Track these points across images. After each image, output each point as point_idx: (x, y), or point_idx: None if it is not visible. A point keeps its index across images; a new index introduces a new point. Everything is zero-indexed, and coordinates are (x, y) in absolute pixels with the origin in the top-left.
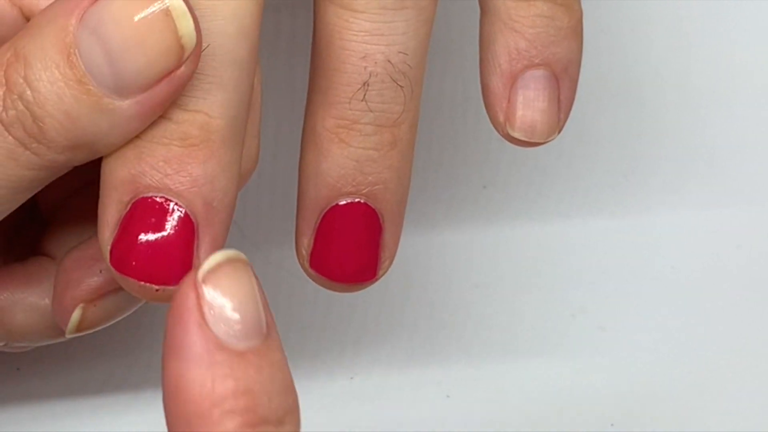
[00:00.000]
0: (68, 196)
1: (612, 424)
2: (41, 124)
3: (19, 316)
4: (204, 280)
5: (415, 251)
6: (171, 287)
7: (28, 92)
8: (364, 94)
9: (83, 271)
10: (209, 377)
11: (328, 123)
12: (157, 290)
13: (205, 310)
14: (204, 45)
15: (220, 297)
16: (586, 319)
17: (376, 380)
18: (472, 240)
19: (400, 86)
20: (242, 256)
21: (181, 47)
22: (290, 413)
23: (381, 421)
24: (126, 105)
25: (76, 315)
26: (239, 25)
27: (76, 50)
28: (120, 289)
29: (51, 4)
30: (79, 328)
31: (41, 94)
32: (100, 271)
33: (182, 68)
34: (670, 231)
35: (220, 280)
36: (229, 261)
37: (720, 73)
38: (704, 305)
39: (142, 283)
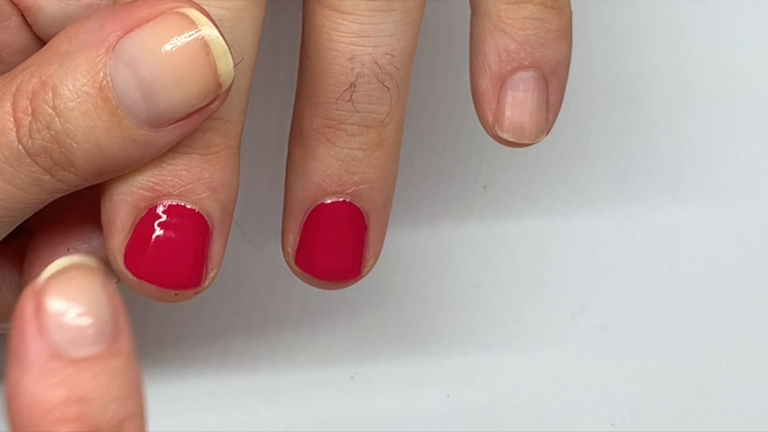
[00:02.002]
0: None
1: (612, 424)
2: (69, 154)
3: (5, 295)
4: (43, 288)
5: (415, 251)
6: (189, 291)
7: (57, 122)
8: (351, 95)
9: (51, 248)
10: (40, 386)
11: (314, 123)
12: (176, 294)
13: (44, 317)
14: (238, 59)
15: (58, 304)
16: (586, 318)
17: (376, 380)
18: (472, 240)
19: (387, 87)
20: (87, 261)
21: (219, 85)
22: (130, 419)
23: (381, 420)
24: (157, 135)
25: None
26: (256, 34)
27: (110, 82)
28: None
29: (78, 29)
30: None
31: (71, 124)
32: (68, 250)
33: (215, 102)
34: (669, 230)
35: (60, 287)
36: (72, 267)
37: (719, 71)
38: (704, 305)
39: (162, 288)
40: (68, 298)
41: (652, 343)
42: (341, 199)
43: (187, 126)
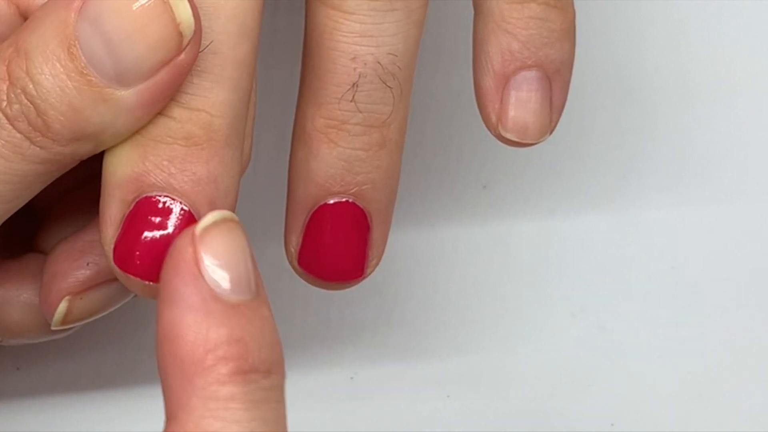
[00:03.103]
0: (62, 193)
1: (612, 424)
2: (45, 117)
3: (15, 313)
4: (200, 239)
5: (415, 251)
6: None
7: (31, 86)
8: (354, 95)
9: (71, 263)
10: (204, 325)
11: (317, 123)
12: None
13: (201, 263)
14: (206, 42)
15: (214, 253)
16: (586, 319)
17: (376, 380)
18: (471, 240)
19: (389, 87)
20: (235, 216)
21: (180, 34)
22: (277, 365)
23: (381, 421)
24: (128, 94)
25: (62, 307)
26: (240, 24)
27: (77, 42)
28: (106, 282)
29: None
30: (65, 320)
31: (44, 87)
32: (87, 264)
33: (182, 56)
34: (669, 230)
35: (215, 237)
36: (224, 220)
37: (719, 71)
38: (704, 304)
39: (147, 282)
40: (222, 249)
41: (652, 343)
42: (344, 200)
43: (157, 85)
